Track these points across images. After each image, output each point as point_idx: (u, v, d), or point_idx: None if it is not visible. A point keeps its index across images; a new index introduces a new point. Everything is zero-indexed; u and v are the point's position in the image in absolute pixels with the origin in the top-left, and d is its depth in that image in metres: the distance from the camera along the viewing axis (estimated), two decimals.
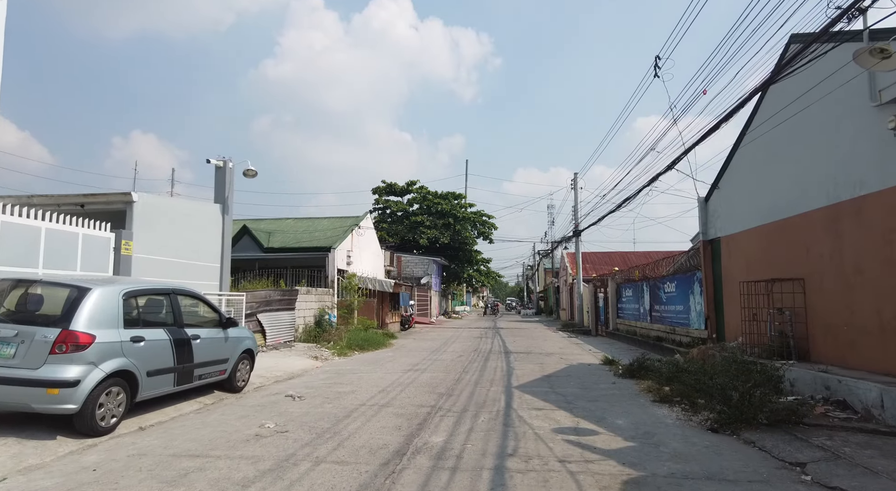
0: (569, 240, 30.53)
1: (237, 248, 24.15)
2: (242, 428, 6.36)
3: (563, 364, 12.92)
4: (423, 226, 47.36)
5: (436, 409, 7.49)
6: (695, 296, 13.49)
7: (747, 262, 10.57)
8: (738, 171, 11.08)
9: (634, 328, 19.09)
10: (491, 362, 13.22)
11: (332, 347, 15.97)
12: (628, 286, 20.37)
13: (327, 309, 20.28)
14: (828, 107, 7.85)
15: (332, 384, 9.75)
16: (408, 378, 10.44)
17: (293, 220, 28.82)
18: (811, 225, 8.34)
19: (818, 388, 6.93)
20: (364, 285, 23.62)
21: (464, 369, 11.82)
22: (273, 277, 21.76)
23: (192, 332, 7.42)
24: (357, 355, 15.08)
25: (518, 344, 18.72)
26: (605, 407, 7.66)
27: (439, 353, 15.62)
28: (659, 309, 16.36)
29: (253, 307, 14.72)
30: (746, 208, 10.66)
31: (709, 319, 12.31)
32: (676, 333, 14.68)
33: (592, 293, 27.04)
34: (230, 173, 13.61)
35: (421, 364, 12.79)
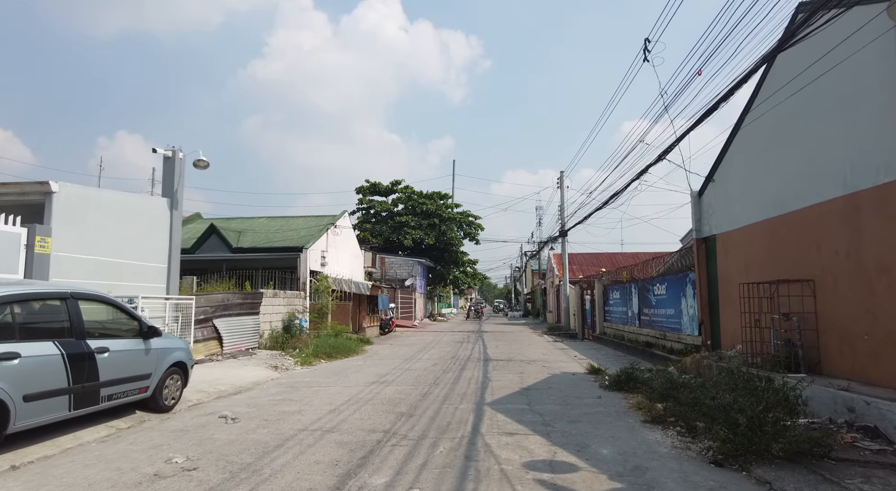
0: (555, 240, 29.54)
1: (204, 248, 22.85)
2: (142, 464, 5.15)
3: (544, 373, 11.82)
4: (408, 226, 46.16)
5: (389, 435, 6.33)
6: (687, 299, 12.47)
7: (747, 261, 9.55)
8: (735, 160, 10.07)
9: (622, 333, 18.07)
10: (467, 372, 12.09)
11: (297, 354, 14.75)
12: (616, 288, 19.36)
13: (297, 313, 19.02)
14: (845, 79, 6.84)
15: (280, 401, 8.54)
16: (369, 393, 9.26)
17: (266, 219, 27.49)
18: (823, 218, 7.32)
19: (839, 409, 5.88)
20: (339, 287, 22.40)
21: (435, 381, 10.67)
22: (242, 279, 20.49)
23: (97, 344, 6.20)
24: (322, 365, 13.86)
25: (500, 350, 17.61)
26: (588, 430, 6.54)
27: (413, 361, 14.45)
28: (648, 313, 15.34)
29: (208, 312, 13.44)
30: (746, 202, 9.65)
31: (703, 325, 11.28)
32: (667, 338, 13.66)
33: (579, 295, 26.04)
34: (180, 165, 12.35)
35: (389, 375, 11.62)
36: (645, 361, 13.96)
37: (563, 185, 29.29)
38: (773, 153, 8.73)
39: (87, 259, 9.77)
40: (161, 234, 12.00)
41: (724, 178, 10.55)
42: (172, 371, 7.64)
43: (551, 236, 32.57)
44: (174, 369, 7.69)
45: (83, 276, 9.46)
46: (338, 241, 24.79)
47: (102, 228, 10.22)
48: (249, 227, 25.43)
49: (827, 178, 7.25)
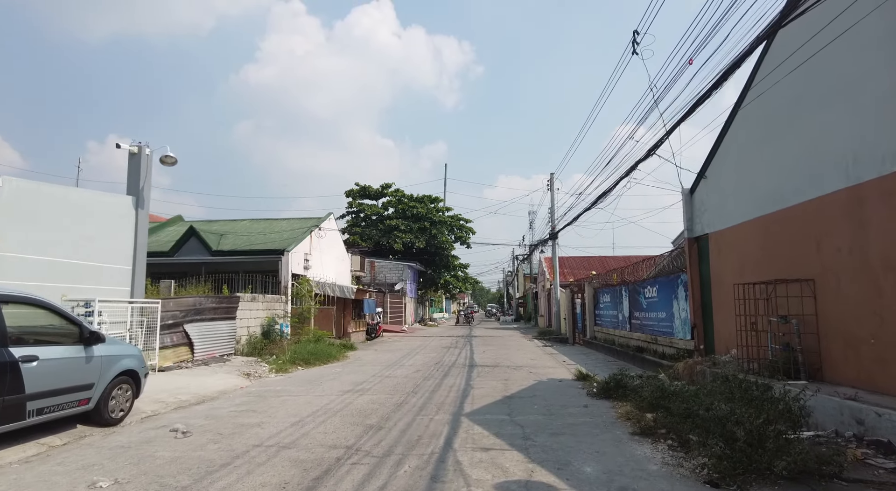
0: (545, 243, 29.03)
1: (183, 251, 22.15)
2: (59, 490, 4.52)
3: (530, 380, 11.24)
4: (398, 230, 45.56)
5: (352, 451, 5.72)
6: (679, 301, 11.96)
7: (741, 261, 9.04)
8: (729, 155, 9.57)
9: (613, 337, 17.53)
10: (449, 379, 11.49)
11: (274, 361, 14.09)
12: (606, 291, 18.84)
13: (278, 318, 18.34)
14: (847, 61, 6.36)
15: (243, 412, 7.91)
16: (340, 403, 8.65)
17: (249, 222, 26.80)
18: (824, 213, 6.81)
19: (846, 421, 5.34)
20: (322, 291, 21.75)
21: (414, 389, 10.06)
22: (221, 283, 19.82)
23: (23, 351, 5.56)
24: (299, 372, 13.20)
25: (487, 355, 17.02)
26: (570, 444, 5.96)
27: (395, 367, 13.83)
28: (639, 316, 14.81)
29: (177, 317, 12.77)
30: (740, 198, 9.14)
31: (696, 328, 10.75)
32: (659, 342, 13.13)
33: (570, 299, 25.53)
34: (147, 161, 11.71)
35: (366, 382, 11.00)
36: (635, 366, 13.42)
37: (553, 187, 28.83)
38: (769, 145, 8.24)
39: (40, 260, 9.10)
40: (125, 234, 11.34)
41: (716, 173, 10.05)
42: (121, 381, 6.99)
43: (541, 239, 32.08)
44: (123, 379, 7.04)
45: (34, 278, 8.79)
46: (322, 243, 24.15)
47: (57, 227, 9.56)
48: (231, 230, 24.73)
49: (828, 170, 6.75)
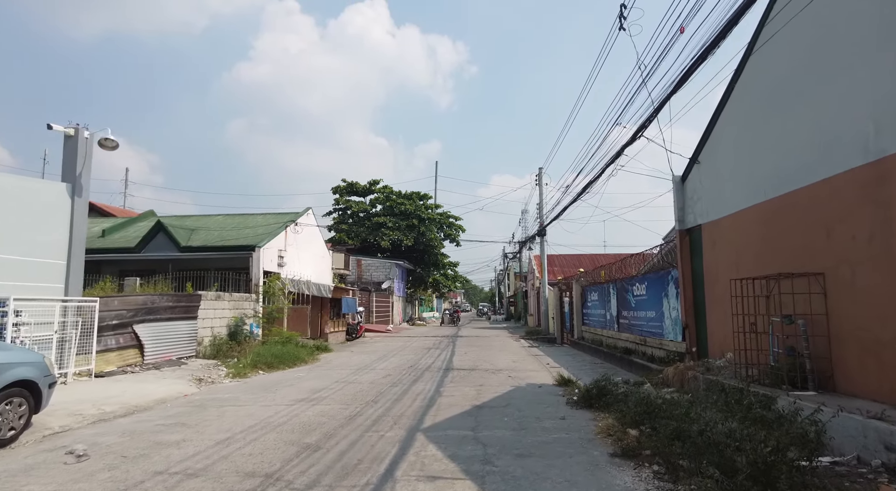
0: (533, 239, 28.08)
1: (150, 247, 21.00)
2: None
3: (507, 386, 10.25)
4: (386, 227, 44.45)
5: (269, 482, 4.69)
6: (669, 299, 11.01)
7: (738, 254, 8.08)
8: (725, 135, 8.62)
9: (601, 337, 16.59)
10: (419, 384, 10.48)
11: (234, 365, 13.03)
12: (594, 289, 17.90)
13: (246, 318, 17.26)
14: (870, 12, 5.39)
15: (169, 427, 6.86)
16: (286, 415, 7.61)
17: (223, 217, 25.66)
18: (837, 195, 5.85)
19: (871, 445, 4.37)
20: (298, 289, 20.68)
21: (376, 398, 9.04)
22: (190, 281, 18.71)
23: None
24: (259, 376, 12.14)
25: (468, 357, 16.02)
26: (538, 470, 4.97)
27: (364, 371, 12.80)
28: (627, 315, 13.86)
29: (124, 316, 11.68)
30: (738, 184, 8.19)
31: (687, 329, 9.80)
32: (648, 344, 12.18)
33: (558, 298, 24.60)
34: (85, 145, 10.61)
35: (326, 389, 9.97)
36: (623, 370, 12.47)
37: (541, 181, 27.88)
38: (772, 120, 7.28)
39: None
40: (59, 225, 10.24)
41: (711, 157, 9.09)
42: (11, 393, 5.92)
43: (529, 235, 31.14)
44: (15, 391, 5.97)
45: None
46: (299, 239, 23.05)
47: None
48: (204, 225, 23.58)
49: (842, 145, 5.80)
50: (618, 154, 10.39)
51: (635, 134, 9.37)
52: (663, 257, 11.48)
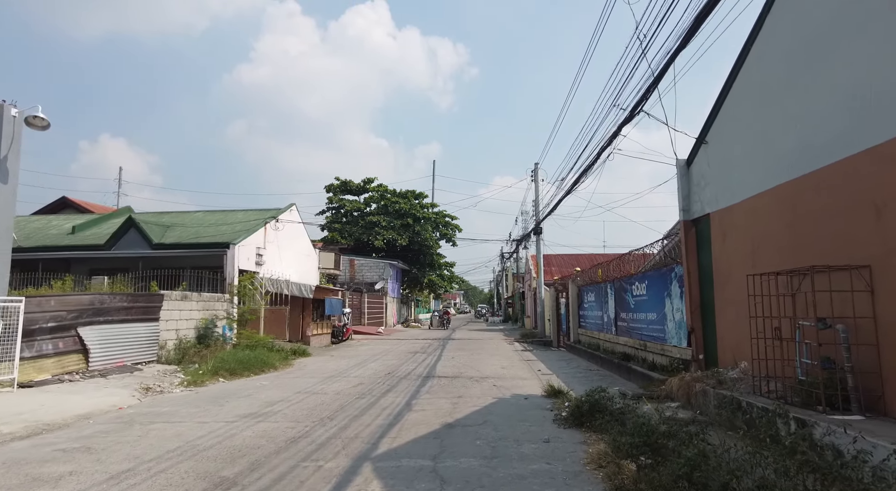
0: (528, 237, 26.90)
1: (121, 244, 19.85)
2: None
3: (489, 397, 9.05)
4: (379, 226, 43.24)
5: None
6: (672, 299, 9.81)
7: (756, 245, 6.89)
8: (738, 109, 7.42)
9: (597, 341, 15.38)
10: (390, 396, 9.28)
11: (194, 372, 11.84)
12: (590, 289, 16.70)
13: (218, 319, 16.08)
14: None
15: (65, 453, 5.67)
16: (220, 435, 6.42)
17: (203, 213, 24.47)
18: (889, 165, 4.65)
19: None
20: (277, 289, 19.49)
21: (334, 413, 7.86)
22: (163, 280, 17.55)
23: None
24: (217, 385, 10.96)
25: (454, 362, 14.82)
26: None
27: (336, 379, 11.62)
28: (626, 317, 12.66)
29: (65, 318, 10.49)
30: (754, 164, 7.00)
31: (693, 333, 8.60)
32: (648, 349, 10.97)
33: (554, 299, 23.37)
34: (13, 124, 9.43)
35: (283, 402, 8.78)
36: (621, 378, 11.26)
37: (537, 177, 26.68)
38: (795, 87, 6.09)
39: None
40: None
41: (721, 136, 7.90)
42: None
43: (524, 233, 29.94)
44: None
45: None
46: (280, 237, 21.88)
47: None
48: (181, 222, 22.41)
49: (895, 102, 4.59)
50: (615, 134, 9.21)
51: (634, 108, 8.19)
52: (666, 253, 10.28)
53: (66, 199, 29.62)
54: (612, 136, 9.31)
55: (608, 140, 9.53)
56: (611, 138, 9.39)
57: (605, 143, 9.64)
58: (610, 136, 9.36)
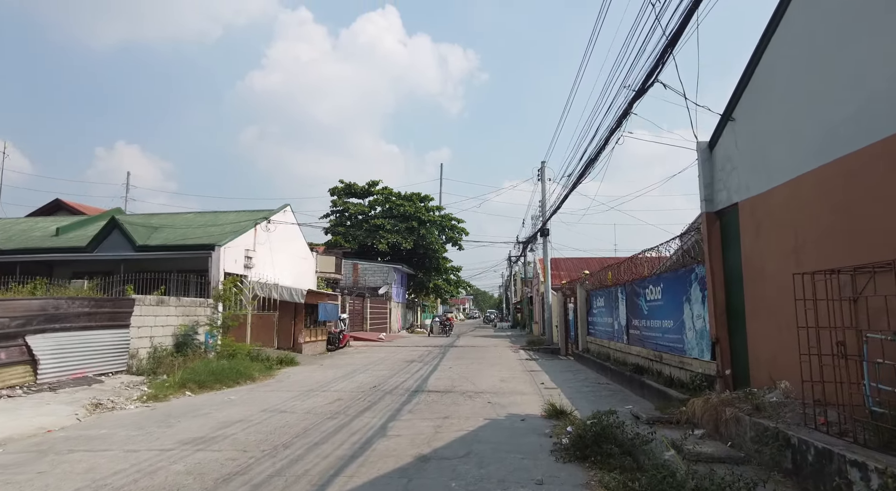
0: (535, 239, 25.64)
1: (104, 246, 18.89)
2: None
3: (480, 418, 7.82)
4: (384, 230, 42.11)
5: None
6: (692, 304, 8.52)
7: (798, 237, 5.62)
8: (775, 75, 6.17)
9: (607, 350, 14.07)
10: (366, 416, 8.09)
11: (160, 384, 10.76)
12: (600, 294, 15.39)
13: (199, 326, 15.01)
14: None
15: None
16: (140, 471, 5.27)
17: (194, 214, 23.55)
18: None
19: None
20: (267, 294, 18.39)
21: (293, 438, 6.68)
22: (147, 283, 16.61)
23: None
24: (181, 399, 9.86)
25: (450, 373, 13.60)
26: None
27: (314, 394, 10.45)
28: (638, 325, 11.36)
29: (6, 325, 9.43)
30: (796, 139, 5.74)
31: (718, 345, 7.31)
32: (664, 361, 9.67)
33: (562, 304, 22.06)
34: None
35: (243, 422, 7.63)
36: (634, 394, 9.97)
37: (543, 176, 25.42)
38: (861, 33, 4.83)
39: None
40: None
41: (752, 110, 6.64)
42: None
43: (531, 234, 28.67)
44: None
45: None
46: (272, 238, 20.83)
47: None
48: (170, 223, 21.46)
49: None
50: (625, 112, 7.97)
51: (646, 81, 6.97)
52: (684, 252, 9.00)
53: (59, 202, 28.90)
54: (621, 116, 8.09)
55: (617, 121, 8.29)
56: (620, 118, 8.16)
57: (613, 125, 8.41)
58: (619, 116, 8.14)
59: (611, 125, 8.49)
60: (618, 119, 8.22)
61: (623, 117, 8.07)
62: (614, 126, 8.40)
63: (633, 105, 7.66)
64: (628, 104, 7.72)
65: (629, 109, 7.81)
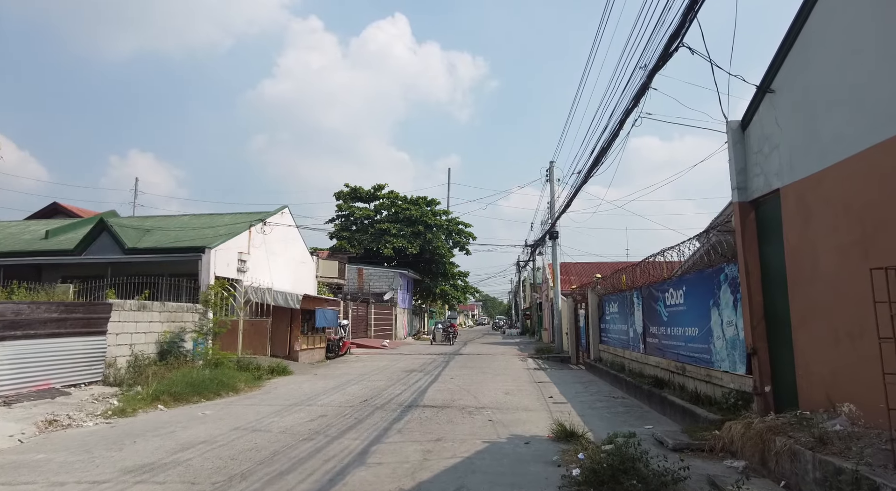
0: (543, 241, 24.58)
1: (92, 249, 18.14)
2: None
3: (478, 441, 6.79)
4: (389, 234, 41.15)
5: None
6: (721, 309, 7.45)
7: (868, 226, 4.57)
8: (827, 32, 5.14)
9: (622, 360, 12.96)
10: (347, 438, 7.10)
11: (132, 397, 9.86)
12: (613, 299, 14.29)
13: (186, 333, 14.13)
14: None
15: None
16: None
17: (189, 217, 22.78)
18: None
19: None
20: (261, 299, 17.50)
21: (256, 466, 5.70)
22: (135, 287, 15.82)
23: None
24: (150, 414, 8.95)
25: (451, 385, 12.57)
26: None
27: (297, 408, 9.47)
28: (657, 333, 10.27)
29: None
30: (859, 106, 4.69)
31: (755, 356, 6.23)
32: (688, 374, 8.58)
33: (572, 310, 20.95)
34: None
35: (207, 443, 6.67)
36: (654, 410, 8.88)
37: (552, 176, 24.40)
38: None
39: None
40: None
41: (796, 78, 5.60)
42: None
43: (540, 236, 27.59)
44: None
45: None
46: (268, 241, 19.98)
47: None
48: (163, 226, 20.68)
49: None
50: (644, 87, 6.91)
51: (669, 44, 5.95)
52: (711, 248, 7.92)
53: (57, 205, 28.32)
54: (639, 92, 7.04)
55: (634, 99, 7.25)
56: (638, 95, 7.11)
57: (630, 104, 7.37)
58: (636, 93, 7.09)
59: (627, 105, 7.46)
60: (635, 96, 7.19)
61: (641, 94, 7.03)
62: (630, 106, 7.38)
63: (653, 77, 6.63)
64: (647, 76, 6.67)
65: (648, 83, 6.78)
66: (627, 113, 7.50)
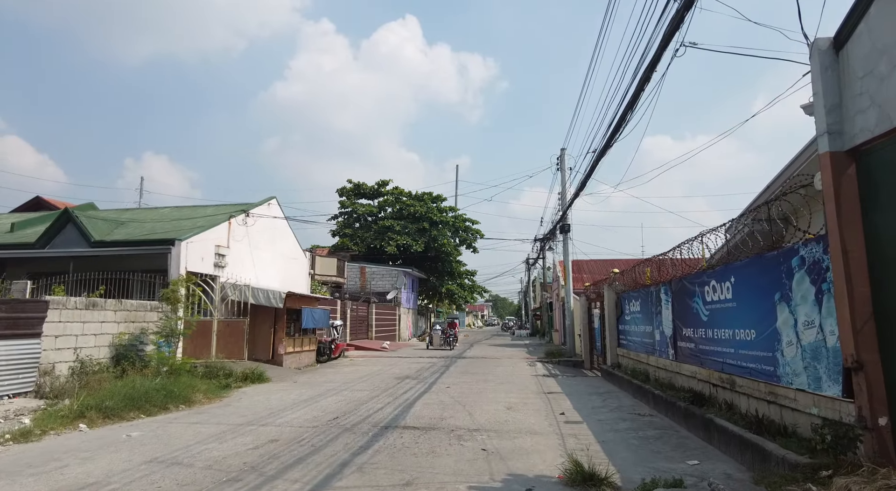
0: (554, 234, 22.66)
1: (56, 242, 16.56)
2: None
3: (461, 486, 4.93)
4: (393, 231, 39.36)
5: None
6: (793, 305, 5.53)
7: None
8: None
9: (646, 367, 11.01)
10: (287, 478, 5.29)
11: (53, 412, 8.13)
12: (634, 296, 12.33)
13: (149, 334, 12.42)
14: None
15: None
16: None
17: (170, 209, 21.15)
18: None
19: None
20: (240, 296, 15.80)
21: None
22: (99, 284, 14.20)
23: None
24: (64, 436, 7.26)
25: (444, 397, 10.73)
26: None
27: (248, 429, 7.68)
28: (693, 336, 8.32)
29: None
30: None
31: (862, 372, 4.30)
32: (739, 388, 6.65)
33: (586, 309, 18.99)
34: None
35: (96, 485, 4.88)
36: (692, 434, 6.94)
37: (563, 165, 22.45)
38: None
39: None
40: None
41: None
42: None
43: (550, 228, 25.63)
44: None
45: None
46: (251, 233, 18.25)
47: None
48: (140, 218, 19.08)
49: None
50: (680, 18, 4.97)
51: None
52: (769, 221, 5.98)
53: (40, 199, 26.95)
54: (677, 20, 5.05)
55: (670, 26, 5.30)
56: (678, 18, 5.13)
57: (668, 27, 5.42)
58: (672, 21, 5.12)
59: (665, 30, 5.45)
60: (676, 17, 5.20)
61: (681, 17, 5.02)
62: (669, 28, 5.39)
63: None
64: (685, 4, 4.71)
65: (683, 16, 4.79)
66: (668, 38, 5.52)
